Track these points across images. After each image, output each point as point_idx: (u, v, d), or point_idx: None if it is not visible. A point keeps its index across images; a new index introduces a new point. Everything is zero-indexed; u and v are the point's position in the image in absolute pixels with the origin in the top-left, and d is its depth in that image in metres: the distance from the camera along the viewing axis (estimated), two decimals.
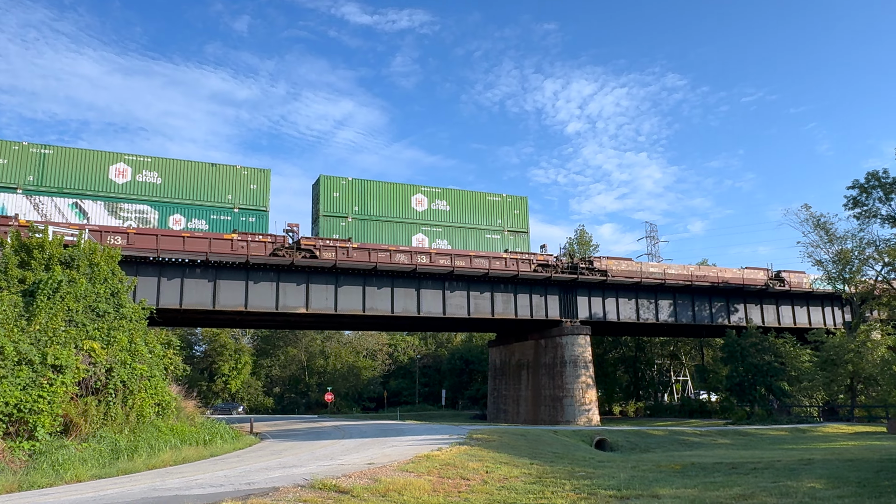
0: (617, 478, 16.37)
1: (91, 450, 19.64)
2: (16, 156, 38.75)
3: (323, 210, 46.42)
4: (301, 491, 12.40)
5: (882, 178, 45.44)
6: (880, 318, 54.48)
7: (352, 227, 46.88)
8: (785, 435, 38.06)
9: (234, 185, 44.04)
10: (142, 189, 41.63)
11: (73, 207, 39.78)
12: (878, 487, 13.34)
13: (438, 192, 51.01)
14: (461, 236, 50.64)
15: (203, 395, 72.31)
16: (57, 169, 39.77)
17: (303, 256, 42.81)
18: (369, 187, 48.34)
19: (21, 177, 38.69)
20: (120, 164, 41.35)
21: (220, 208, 43.31)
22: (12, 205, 38.18)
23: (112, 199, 40.82)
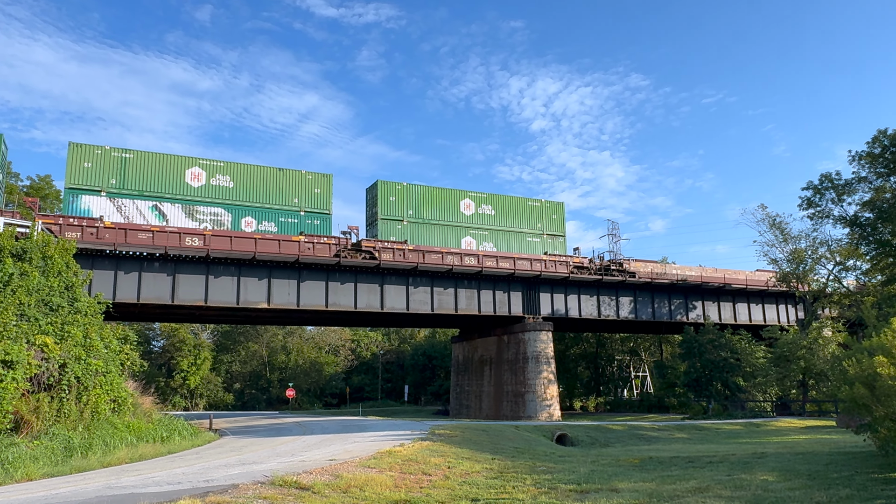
0: (577, 472, 16.58)
1: (43, 447, 19.12)
2: (99, 160, 40.25)
3: (381, 213, 48.72)
4: (261, 488, 12.28)
5: (835, 179, 46.79)
6: (831, 315, 56.17)
7: (407, 229, 49.34)
8: (740, 429, 39.01)
9: (300, 189, 46.02)
10: (216, 192, 43.53)
11: (153, 210, 41.68)
12: (827, 479, 13.77)
13: (484, 196, 53.61)
14: (505, 239, 53.35)
15: (161, 391, 71.00)
16: (137, 172, 41.39)
17: (363, 258, 44.95)
18: (422, 192, 51.01)
19: (105, 180, 40.31)
20: (195, 167, 43.17)
21: (287, 211, 45.34)
22: (97, 207, 39.98)
23: (189, 202, 42.65)
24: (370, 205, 50.43)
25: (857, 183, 44.97)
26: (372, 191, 50.38)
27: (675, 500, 11.76)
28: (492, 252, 50.62)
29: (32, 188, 57.90)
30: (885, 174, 42.32)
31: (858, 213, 45.25)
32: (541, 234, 55.12)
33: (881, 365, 14.72)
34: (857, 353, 17.63)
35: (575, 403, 77.42)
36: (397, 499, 12.32)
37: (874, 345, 16.70)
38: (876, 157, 42.16)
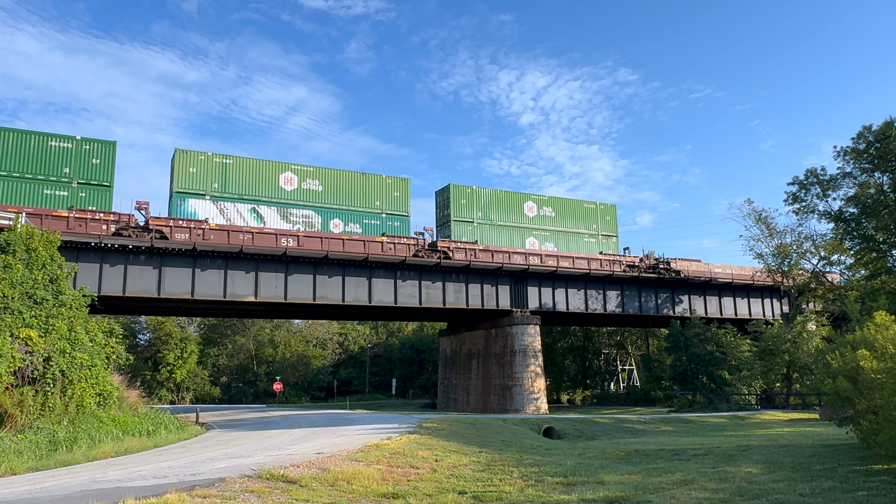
0: (564, 465, 16.66)
1: (27, 441, 18.98)
2: (202, 165, 42.96)
3: (453, 216, 51.54)
4: (248, 481, 12.25)
5: (820, 175, 47.14)
6: (815, 309, 56.75)
7: (477, 230, 52.14)
8: (725, 422, 39.35)
9: (381, 193, 48.87)
10: (307, 196, 46.33)
11: (252, 213, 44.40)
12: (810, 472, 13.92)
13: (545, 199, 56.62)
14: (564, 240, 56.21)
15: (147, 384, 70.57)
16: (237, 177, 44.13)
17: (438, 258, 47.29)
18: (490, 195, 53.87)
19: (208, 184, 43.07)
20: (287, 172, 45.93)
21: (370, 213, 48.30)
22: (202, 210, 42.66)
23: (283, 205, 45.43)
24: (441, 207, 53.32)
25: (842, 178, 45.33)
26: (443, 194, 53.33)
27: (660, 493, 11.85)
28: (553, 252, 53.64)
29: None
30: (869, 170, 42.69)
31: (843, 209, 45.64)
32: (596, 234, 58.09)
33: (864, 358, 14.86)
34: (841, 347, 17.80)
35: (562, 397, 77.80)
36: (385, 492, 12.33)
37: (857, 339, 16.87)
38: (860, 153, 42.51)
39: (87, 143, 40.21)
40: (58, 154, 39.43)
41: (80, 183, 39.66)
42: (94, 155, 40.20)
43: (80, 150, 39.94)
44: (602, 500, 11.39)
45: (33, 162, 38.67)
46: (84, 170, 39.90)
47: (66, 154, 39.63)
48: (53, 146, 39.31)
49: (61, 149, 39.52)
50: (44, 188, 38.65)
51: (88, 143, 40.28)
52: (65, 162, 39.46)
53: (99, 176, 40.21)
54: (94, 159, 40.11)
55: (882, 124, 41.04)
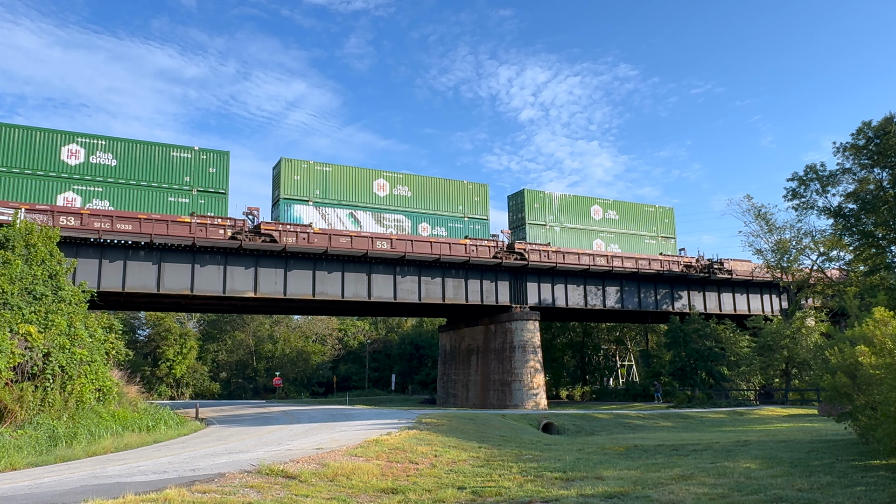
0: (563, 460, 16.70)
1: (27, 437, 19.01)
2: (306, 173, 45.77)
3: (528, 219, 54.73)
4: (248, 476, 12.27)
5: (819, 171, 47.13)
6: (814, 305, 56.77)
7: (549, 233, 55.14)
8: (724, 418, 39.44)
9: (463, 198, 51.76)
10: (397, 201, 49.07)
11: (350, 217, 47.06)
12: (808, 467, 13.96)
13: (610, 203, 59.43)
14: (627, 241, 58.80)
15: (147, 380, 70.63)
16: (335, 184, 46.88)
17: (515, 259, 50.06)
18: (561, 199, 56.80)
19: (311, 191, 45.83)
20: (380, 179, 48.72)
21: (454, 217, 51.11)
22: (307, 215, 45.41)
23: (377, 210, 48.15)
24: (515, 211, 56.09)
25: (842, 174, 45.32)
26: (517, 198, 56.01)
27: (659, 488, 11.88)
28: (618, 253, 56.31)
29: None
30: (868, 166, 42.69)
31: (842, 204, 45.63)
32: (655, 236, 60.76)
33: (863, 354, 14.89)
34: (840, 343, 17.83)
35: (561, 392, 77.88)
36: (384, 487, 12.36)
37: (856, 334, 16.89)
38: (860, 149, 42.49)
39: (205, 154, 42.79)
40: (179, 164, 41.95)
41: (199, 190, 42.31)
42: (210, 164, 42.90)
43: (198, 160, 42.55)
44: (601, 495, 11.42)
45: (159, 171, 41.27)
46: (202, 178, 42.51)
47: (186, 164, 42.17)
48: (175, 156, 41.94)
49: (182, 159, 42.11)
50: (168, 195, 41.32)
51: (205, 153, 42.84)
52: (185, 171, 42.05)
53: (215, 184, 42.90)
54: (210, 168, 42.82)
55: (881, 120, 41.02)
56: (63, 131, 39.57)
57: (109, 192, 39.88)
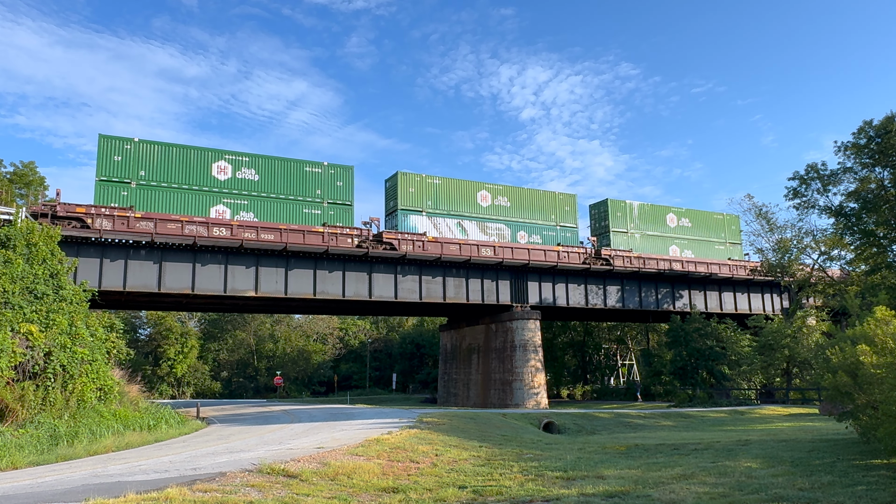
0: (564, 459, 16.70)
1: (28, 436, 19.02)
2: (419, 186, 49.12)
3: (612, 226, 57.65)
4: (249, 475, 12.28)
5: (821, 170, 47.08)
6: (816, 304, 56.69)
7: (630, 240, 58.18)
8: (725, 417, 39.41)
9: (555, 207, 54.79)
10: (498, 211, 52.27)
11: (458, 226, 50.23)
12: (809, 466, 13.95)
13: (683, 211, 62.82)
14: (699, 247, 61.89)
15: (148, 379, 70.69)
16: (444, 195, 50.17)
17: (601, 264, 53.34)
18: (640, 208, 59.91)
19: (424, 202, 49.07)
20: (483, 191, 52.04)
21: (548, 226, 54.12)
22: (421, 224, 48.63)
23: (480, 220, 51.38)
24: (598, 219, 59.36)
25: (843, 173, 45.30)
26: (599, 207, 59.39)
27: (660, 487, 11.88)
28: (692, 258, 59.41)
29: (16, 174, 57.13)
30: (870, 165, 42.65)
31: (843, 204, 45.60)
32: (724, 242, 63.92)
33: (864, 353, 14.88)
34: (841, 342, 17.82)
35: (562, 391, 77.84)
36: (385, 486, 12.36)
37: (857, 333, 16.88)
38: (861, 148, 42.45)
39: (332, 168, 46.25)
40: (311, 178, 45.38)
41: (329, 202, 45.68)
42: (338, 178, 46.22)
43: (327, 175, 45.89)
44: (602, 494, 11.42)
45: (294, 185, 44.72)
46: (331, 191, 45.85)
47: (317, 178, 45.58)
48: (308, 171, 45.38)
49: (314, 173, 45.48)
50: (303, 207, 44.71)
51: (333, 168, 46.28)
52: (317, 185, 45.45)
53: (342, 196, 46.21)
54: (338, 182, 46.15)
55: (883, 119, 40.98)
56: (213, 149, 43.14)
57: (253, 204, 43.32)
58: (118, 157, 40.08)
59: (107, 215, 37.94)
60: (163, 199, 40.77)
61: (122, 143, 40.38)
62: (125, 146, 40.38)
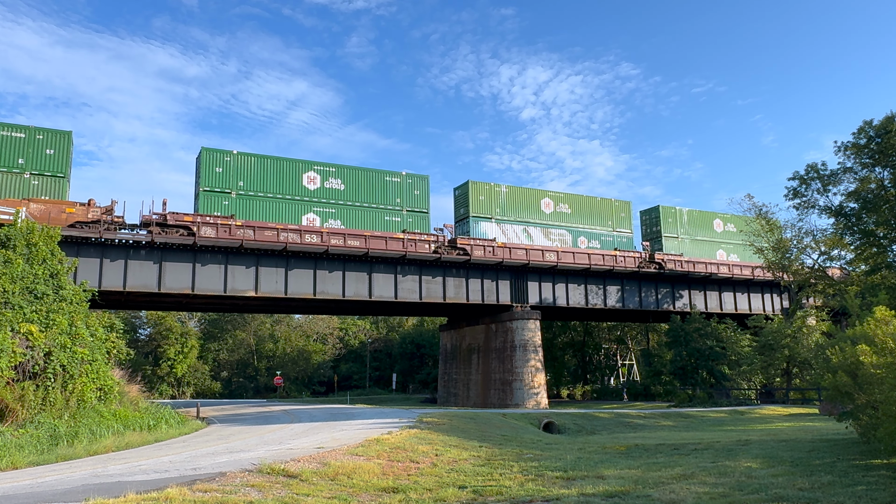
0: (564, 459, 16.70)
1: (28, 436, 19.02)
2: (488, 194, 52.01)
3: (663, 232, 60.21)
4: (249, 475, 12.28)
5: (821, 170, 47.05)
6: (816, 304, 56.66)
7: (681, 245, 60.61)
8: (725, 417, 39.41)
9: (611, 214, 57.45)
10: (560, 218, 54.94)
11: (524, 232, 52.82)
12: (809, 466, 13.95)
13: (728, 217, 64.57)
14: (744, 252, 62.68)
15: (148, 379, 70.70)
16: (511, 203, 52.96)
17: (654, 268, 55.66)
18: (689, 215, 62.31)
19: (493, 210, 51.86)
20: (545, 198, 54.68)
21: (605, 233, 56.81)
22: (490, 230, 51.48)
23: (544, 226, 53.91)
24: (649, 224, 61.97)
25: (843, 173, 45.25)
26: (651, 213, 62.02)
27: (660, 487, 11.88)
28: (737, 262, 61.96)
29: None
30: (870, 165, 42.62)
31: (843, 204, 45.56)
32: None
33: (864, 353, 14.87)
34: (841, 342, 17.81)
35: (562, 391, 77.84)
36: (385, 486, 12.36)
37: (857, 333, 16.87)
38: (861, 148, 42.42)
39: (410, 178, 49.17)
40: (392, 187, 48.15)
41: (408, 210, 48.43)
42: (415, 187, 49.09)
43: (405, 184, 48.70)
44: (602, 494, 11.42)
45: (376, 194, 47.53)
46: (410, 199, 48.69)
47: (396, 187, 48.36)
48: (388, 181, 48.19)
49: (393, 183, 48.34)
50: (384, 215, 47.52)
51: (411, 177, 49.17)
52: (396, 193, 48.32)
53: (419, 204, 49.10)
54: (416, 191, 48.98)
55: (883, 119, 40.95)
56: (303, 160, 45.79)
57: (340, 212, 45.95)
58: (219, 168, 42.75)
59: (210, 223, 40.57)
60: (259, 207, 43.54)
61: (223, 155, 42.90)
62: (225, 158, 43.03)
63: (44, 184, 37.92)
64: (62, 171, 38.56)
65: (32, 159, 37.90)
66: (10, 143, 37.62)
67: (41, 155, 38.08)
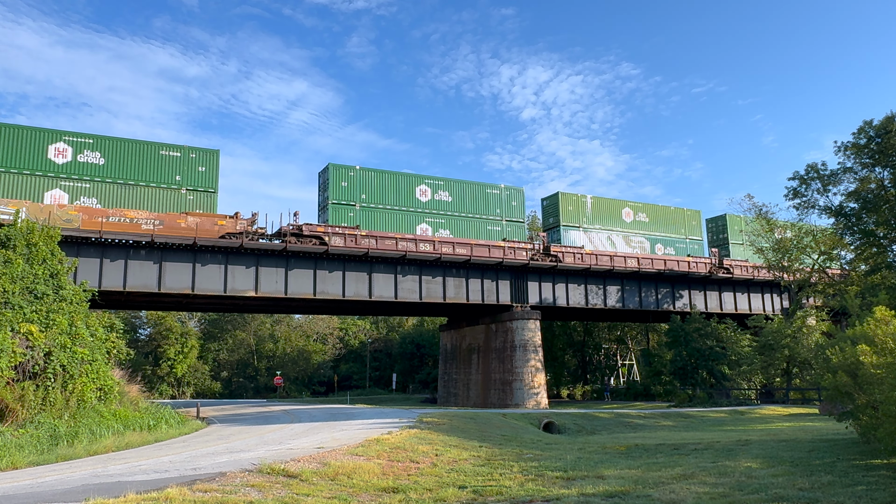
0: (564, 459, 16.70)
1: (28, 436, 19.02)
2: (575, 204, 56.08)
3: (730, 240, 64.20)
4: (249, 476, 12.28)
5: (821, 170, 47.05)
6: (816, 304, 56.65)
7: (746, 251, 62.83)
8: (725, 417, 39.41)
9: (683, 222, 61.24)
10: (639, 226, 58.78)
11: (607, 240, 56.63)
12: (809, 466, 13.95)
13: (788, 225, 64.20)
14: None
15: (148, 379, 70.71)
16: (596, 213, 56.82)
17: (722, 273, 59.02)
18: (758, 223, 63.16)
19: (580, 218, 55.95)
20: (626, 208, 58.82)
21: (680, 239, 60.51)
22: (578, 238, 55.29)
23: (625, 234, 57.85)
24: (715, 231, 65.76)
25: (843, 173, 45.25)
26: (717, 221, 65.64)
27: (660, 487, 11.88)
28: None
29: None
30: (870, 165, 42.62)
31: (843, 204, 45.57)
32: None
33: (864, 353, 14.87)
34: (841, 342, 17.81)
35: (562, 391, 77.82)
36: (385, 486, 12.36)
37: (857, 333, 16.87)
38: (861, 148, 42.42)
39: (507, 190, 53.26)
40: (493, 199, 52.44)
41: (506, 220, 52.62)
42: (512, 199, 53.19)
43: (503, 195, 52.89)
44: (602, 494, 11.42)
45: (480, 205, 51.85)
46: (508, 210, 52.87)
47: (496, 199, 52.57)
48: (489, 193, 52.56)
49: (494, 195, 52.58)
50: (486, 225, 51.71)
51: (508, 189, 53.23)
52: (496, 204, 52.57)
53: (517, 214, 53.33)
54: (512, 202, 53.04)
55: (883, 119, 40.95)
56: (416, 174, 49.94)
57: (449, 222, 50.19)
58: (345, 182, 46.81)
59: (339, 234, 44.36)
60: (379, 218, 47.42)
61: (348, 170, 47.07)
62: (350, 173, 47.18)
63: (197, 198, 41.84)
64: (212, 187, 42.38)
65: (187, 176, 41.78)
66: (169, 162, 41.54)
67: (194, 172, 41.96)
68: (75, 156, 39.11)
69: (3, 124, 38.07)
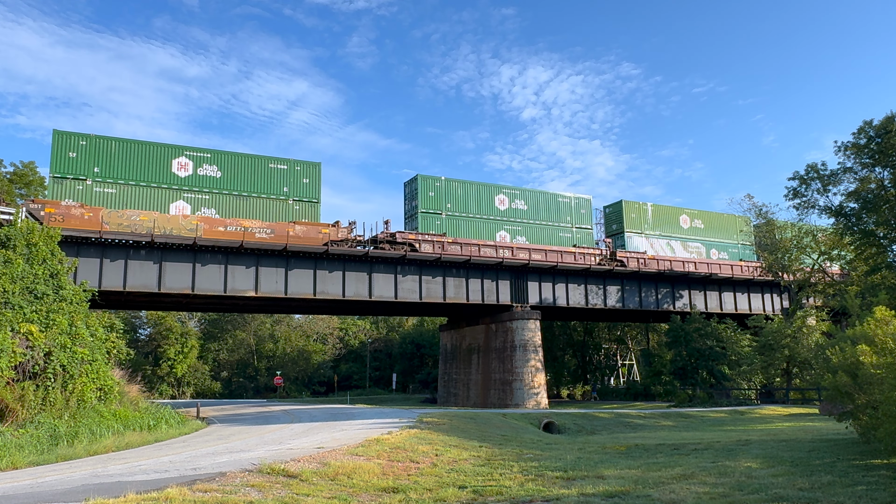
0: (564, 459, 16.70)
1: (28, 436, 19.02)
2: (637, 211, 59.53)
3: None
4: (249, 475, 12.28)
5: (821, 170, 47.03)
6: (815, 304, 56.65)
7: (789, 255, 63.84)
8: (725, 417, 39.40)
9: (736, 228, 64.27)
10: (695, 232, 62.44)
11: (666, 245, 60.11)
12: (809, 466, 13.95)
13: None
14: None
15: (148, 379, 70.69)
16: (656, 219, 60.55)
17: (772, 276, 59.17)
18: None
19: (642, 225, 59.45)
20: (683, 215, 62.15)
21: (731, 244, 64.22)
22: (640, 244, 58.70)
23: (683, 240, 61.37)
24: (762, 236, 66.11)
25: (843, 173, 45.22)
26: (762, 228, 65.29)
27: (660, 487, 11.88)
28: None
29: (16, 175, 57.10)
30: (870, 165, 42.60)
31: (843, 204, 45.54)
32: None
33: (864, 353, 14.87)
34: (841, 342, 17.81)
35: (562, 391, 77.82)
36: (385, 486, 12.36)
37: (857, 333, 16.87)
38: (861, 148, 42.40)
39: (576, 199, 56.76)
40: (564, 207, 56.02)
41: (576, 227, 56.08)
42: (581, 207, 56.67)
43: (573, 204, 56.46)
44: (602, 494, 11.42)
45: (553, 214, 55.32)
46: (578, 218, 56.23)
47: (568, 207, 56.16)
48: (561, 201, 56.05)
49: (565, 203, 56.19)
50: (559, 232, 55.16)
51: (576, 199, 56.67)
52: (567, 212, 56.05)
53: (586, 222, 56.73)
54: (581, 210, 56.53)
55: (883, 119, 40.93)
56: (496, 185, 53.43)
57: (525, 229, 53.74)
58: (432, 192, 50.20)
59: (428, 241, 47.84)
60: (463, 226, 50.82)
61: (434, 181, 50.42)
62: (436, 184, 50.58)
63: (303, 208, 44.82)
64: (316, 198, 45.32)
65: (294, 187, 44.68)
66: (277, 175, 44.39)
67: (300, 183, 44.87)
68: (195, 169, 42.13)
69: (132, 141, 40.88)
